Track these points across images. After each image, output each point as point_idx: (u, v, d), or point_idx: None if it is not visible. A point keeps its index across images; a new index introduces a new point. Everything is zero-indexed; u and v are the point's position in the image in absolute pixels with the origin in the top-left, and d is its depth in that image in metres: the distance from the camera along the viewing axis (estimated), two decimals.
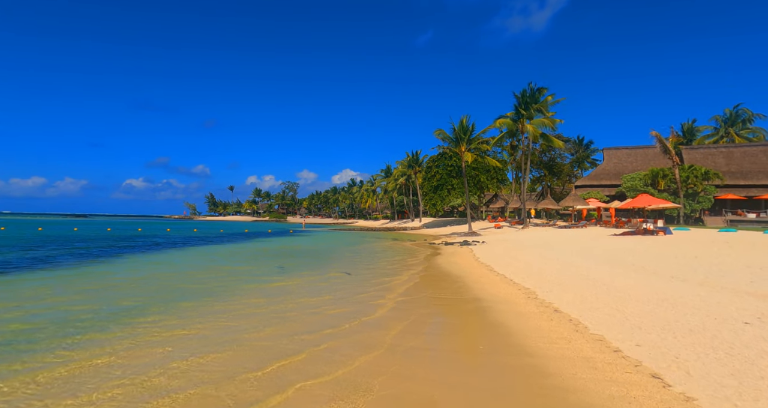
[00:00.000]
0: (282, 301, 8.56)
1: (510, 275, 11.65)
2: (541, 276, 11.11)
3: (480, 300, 8.57)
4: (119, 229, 45.25)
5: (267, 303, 8.42)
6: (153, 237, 32.17)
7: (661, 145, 37.46)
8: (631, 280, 9.70)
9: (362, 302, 8.61)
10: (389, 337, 5.97)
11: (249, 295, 9.39)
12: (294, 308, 7.96)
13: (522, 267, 13.32)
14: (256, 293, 9.56)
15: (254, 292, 9.76)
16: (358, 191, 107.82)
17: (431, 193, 55.51)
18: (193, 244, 26.04)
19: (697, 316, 6.20)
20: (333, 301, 8.78)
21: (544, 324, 6.34)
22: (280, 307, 8.02)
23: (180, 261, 16.58)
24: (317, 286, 10.62)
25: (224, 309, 7.81)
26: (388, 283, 11.16)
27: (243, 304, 8.35)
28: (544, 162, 60.50)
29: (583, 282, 9.84)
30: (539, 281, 10.34)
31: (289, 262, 16.46)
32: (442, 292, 9.73)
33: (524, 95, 38.79)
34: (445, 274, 12.63)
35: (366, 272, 13.61)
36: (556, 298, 8.23)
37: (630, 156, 52.65)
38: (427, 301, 8.68)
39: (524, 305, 7.76)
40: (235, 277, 12.23)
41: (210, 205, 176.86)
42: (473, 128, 39.59)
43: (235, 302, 8.47)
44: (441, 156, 55.64)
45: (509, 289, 9.57)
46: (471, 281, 11.15)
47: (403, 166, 73.77)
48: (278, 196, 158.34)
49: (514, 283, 10.34)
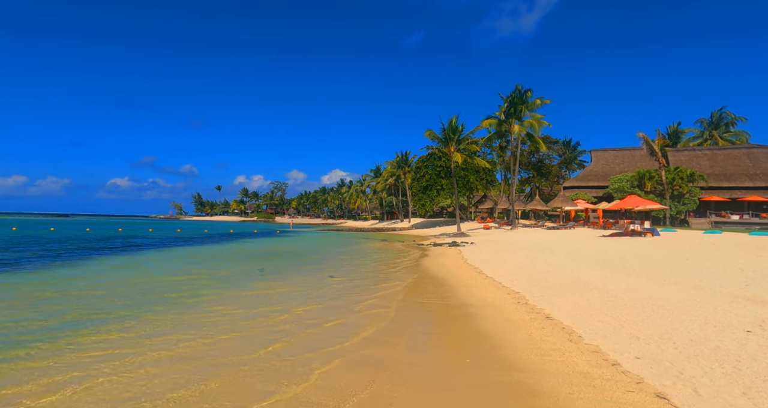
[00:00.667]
0: (256, 316, 7.52)
1: (499, 278, 11.26)
2: (530, 279, 10.75)
3: (468, 305, 8.14)
4: (99, 230, 43.88)
5: (244, 315, 7.57)
6: (133, 238, 31.11)
7: (647, 146, 37.68)
8: (623, 284, 9.38)
9: (343, 309, 8.11)
10: (374, 351, 5.49)
11: (223, 303, 8.58)
12: (267, 320, 7.34)
13: (511, 269, 12.96)
14: (230, 302, 8.68)
15: (229, 300, 8.88)
16: (348, 191, 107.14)
17: (420, 194, 55.17)
18: (174, 245, 25.16)
19: (696, 323, 5.85)
20: (312, 310, 8.26)
21: (535, 333, 5.92)
22: (254, 322, 7.30)
23: (155, 264, 15.73)
24: (297, 293, 9.93)
25: (191, 323, 6.91)
26: (373, 287, 10.68)
27: (213, 316, 7.40)
28: (533, 163, 60.73)
29: (574, 286, 9.49)
30: (529, 285, 9.96)
31: (271, 265, 15.78)
32: (429, 297, 9.28)
33: (512, 97, 38.71)
34: (433, 277, 12.20)
35: (351, 275, 13.11)
36: (547, 303, 7.84)
37: (617, 157, 53.04)
38: (413, 307, 8.22)
39: (514, 311, 7.35)
40: (212, 283, 11.40)
41: (197, 205, 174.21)
42: (462, 128, 39.39)
43: (206, 314, 7.54)
44: (430, 156, 55.36)
45: (498, 294, 9.16)
46: (459, 285, 10.72)
47: (392, 166, 73.39)
48: (266, 196, 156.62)
49: (503, 287, 9.94)
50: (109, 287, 10.45)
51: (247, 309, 8.03)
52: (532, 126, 37.51)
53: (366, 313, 7.73)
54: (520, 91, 39.15)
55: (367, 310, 8.00)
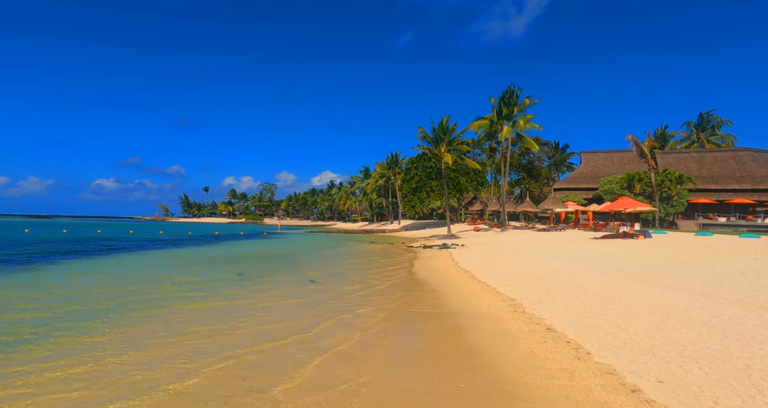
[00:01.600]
0: (224, 330, 6.41)
1: (492, 283, 10.61)
2: (526, 284, 10.12)
3: (460, 314, 7.45)
4: (77, 231, 42.25)
5: (207, 333, 6.35)
6: (109, 240, 29.82)
7: (637, 148, 37.63)
8: (624, 289, 8.80)
9: (319, 319, 7.35)
10: (351, 371, 4.76)
11: (188, 317, 7.39)
12: (225, 337, 6.12)
13: (505, 273, 12.33)
14: (196, 315, 7.51)
15: (195, 313, 7.69)
16: (337, 193, 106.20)
17: (410, 195, 54.57)
18: (152, 248, 24.02)
19: (715, 336, 5.24)
20: (283, 318, 7.49)
21: (537, 348, 5.25)
22: (221, 340, 6.01)
23: (124, 268, 14.59)
24: (275, 303, 8.87)
25: (108, 344, 5.65)
26: (358, 294, 9.94)
27: (172, 334, 6.22)
28: (523, 165, 60.55)
29: (572, 291, 8.88)
30: (525, 290, 9.33)
31: (251, 270, 14.81)
32: (419, 305, 8.57)
33: (503, 97, 38.37)
34: (423, 282, 11.50)
35: (334, 280, 12.34)
36: (546, 311, 7.19)
37: (606, 160, 53.16)
38: (400, 317, 7.50)
39: (511, 321, 6.68)
40: (181, 290, 10.28)
41: (184, 206, 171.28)
42: (454, 129, 38.86)
43: (164, 330, 6.41)
44: (420, 157, 54.82)
45: (492, 301, 8.50)
46: (450, 290, 10.04)
47: (382, 167, 72.72)
48: (255, 197, 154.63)
49: (497, 293, 9.29)
50: (49, 299, 8.92)
51: (205, 325, 6.76)
52: (522, 127, 37.19)
53: (345, 323, 7.00)
54: (512, 91, 38.82)
55: (348, 319, 7.26)
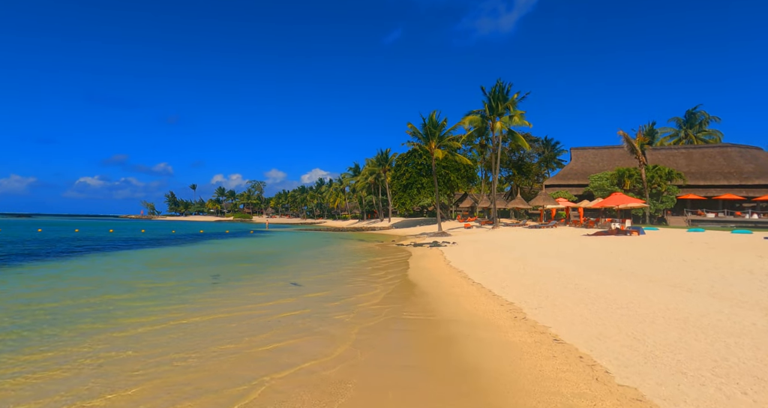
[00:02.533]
0: (150, 363, 4.89)
1: (488, 284, 9.94)
2: (523, 286, 9.47)
3: (455, 322, 6.75)
4: (53, 231, 40.61)
5: (146, 359, 4.97)
6: (85, 240, 28.46)
7: (628, 144, 37.44)
8: (629, 291, 8.19)
9: (293, 327, 6.59)
10: (316, 398, 4.01)
11: (116, 343, 5.65)
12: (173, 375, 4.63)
13: (499, 273, 11.68)
14: (127, 342, 5.75)
15: (127, 339, 5.90)
16: (327, 190, 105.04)
17: (400, 192, 53.86)
18: (129, 247, 22.85)
19: (746, 348, 4.61)
20: (250, 329, 6.71)
21: (545, 365, 4.56)
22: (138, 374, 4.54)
23: (84, 273, 13.16)
24: (245, 312, 7.75)
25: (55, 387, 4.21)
26: (343, 299, 9.17)
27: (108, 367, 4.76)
28: (513, 161, 60.26)
29: (574, 293, 8.25)
30: (523, 293, 8.67)
31: (230, 272, 13.77)
32: (408, 310, 7.85)
33: (494, 92, 37.83)
34: (413, 284, 10.78)
35: (317, 282, 11.54)
36: (549, 317, 6.53)
37: (596, 156, 53.11)
38: (388, 325, 6.77)
39: (512, 330, 5.99)
40: (138, 300, 8.78)
41: (171, 204, 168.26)
42: (444, 124, 38.20)
43: (97, 365, 4.83)
44: (411, 154, 54.13)
45: (489, 305, 7.82)
46: (443, 293, 9.34)
47: (372, 164, 71.90)
48: (244, 195, 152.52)
49: (493, 296, 8.61)
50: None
51: (141, 350, 5.35)
52: (513, 122, 36.72)
53: (321, 333, 6.24)
54: (501, 85, 38.27)
55: (324, 329, 6.50)
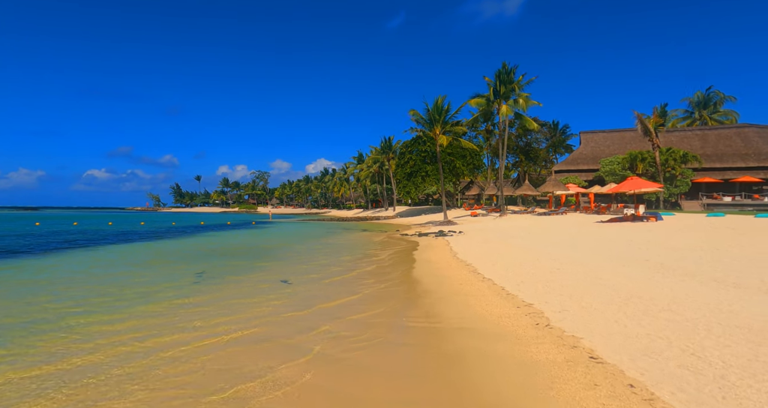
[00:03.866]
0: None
1: (500, 281, 8.85)
2: (540, 281, 8.36)
3: (464, 331, 5.68)
4: (51, 224, 39.96)
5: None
6: (80, 233, 27.73)
7: (642, 126, 35.76)
8: (665, 288, 7.06)
9: (269, 340, 5.56)
10: None
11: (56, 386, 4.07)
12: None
13: (511, 267, 10.58)
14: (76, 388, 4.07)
15: (82, 373, 4.40)
16: (331, 180, 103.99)
17: (405, 181, 52.65)
18: (120, 241, 21.92)
19: None
20: (212, 347, 5.69)
21: (587, 400, 3.47)
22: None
23: (56, 271, 11.81)
24: (213, 326, 6.08)
25: None
26: (336, 300, 8.15)
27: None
28: (521, 147, 58.57)
29: (601, 292, 7.14)
30: (541, 290, 7.57)
31: (219, 267, 12.68)
32: (409, 314, 6.79)
33: (499, 75, 36.22)
34: (416, 281, 9.71)
35: (311, 279, 10.46)
36: (579, 324, 5.43)
37: (607, 139, 51.37)
38: (384, 337, 5.71)
39: (535, 343, 4.91)
40: (97, 304, 7.55)
41: (176, 195, 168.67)
42: (448, 109, 36.71)
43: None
44: (415, 141, 52.70)
45: (504, 307, 6.74)
46: (450, 292, 8.27)
47: (375, 152, 70.53)
48: (248, 186, 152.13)
49: (508, 295, 7.53)
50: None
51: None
52: (520, 105, 35.17)
53: (299, 348, 5.20)
54: (506, 68, 36.61)
55: (303, 342, 5.46)
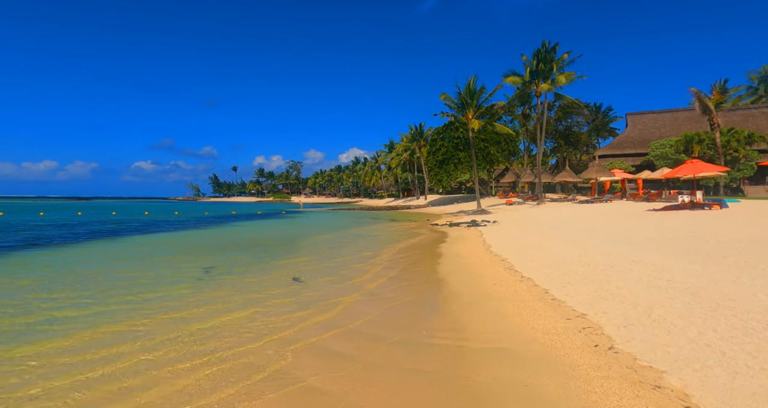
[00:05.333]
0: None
1: (542, 280, 7.50)
2: (591, 282, 6.94)
3: (500, 353, 4.47)
4: (91, 215, 41.42)
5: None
6: (113, 223, 28.35)
7: (700, 104, 32.24)
8: (762, 295, 5.50)
9: (252, 364, 4.59)
10: None
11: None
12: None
13: (554, 263, 9.14)
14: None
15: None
16: (362, 169, 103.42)
17: (436, 168, 50.97)
18: (145, 231, 21.87)
19: None
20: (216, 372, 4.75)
21: None
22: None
23: (65, 264, 11.41)
24: (200, 344, 5.09)
25: None
26: (347, 301, 7.11)
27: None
28: (560, 131, 55.10)
29: (670, 296, 5.67)
30: (594, 295, 6.18)
31: (228, 262, 11.69)
32: (431, 325, 5.63)
33: (538, 53, 33.68)
34: (443, 281, 8.50)
35: (326, 279, 9.36)
36: (655, 347, 4.08)
37: (657, 121, 47.28)
38: (396, 359, 4.60)
39: (598, 378, 3.64)
40: (81, 307, 6.75)
41: (214, 186, 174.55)
42: (482, 91, 34.57)
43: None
44: (446, 127, 50.72)
45: (550, 318, 5.44)
46: (482, 295, 7.03)
47: (406, 140, 68.94)
48: (282, 175, 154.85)
49: (553, 301, 6.20)
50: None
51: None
52: (562, 83, 32.56)
53: (287, 377, 4.18)
54: (546, 46, 34.03)
55: (299, 367, 4.44)
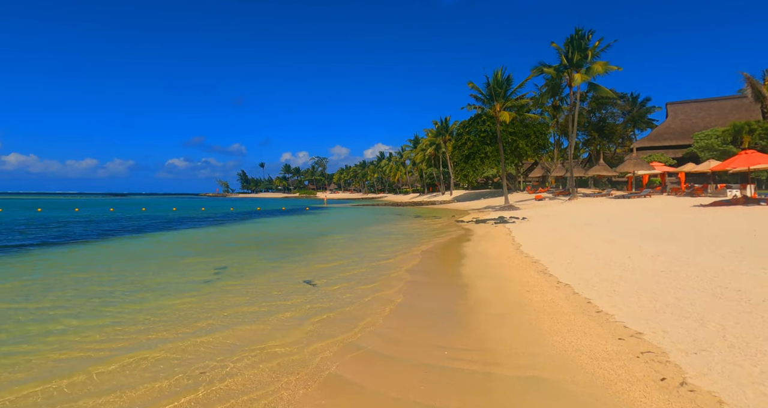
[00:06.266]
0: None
1: (582, 287, 6.56)
2: (642, 290, 5.94)
3: (538, 384, 3.64)
4: (124, 210, 42.57)
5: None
6: (139, 219, 28.93)
7: (753, 90, 29.60)
8: None
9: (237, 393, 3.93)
10: None
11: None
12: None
13: (594, 266, 8.12)
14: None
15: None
16: (387, 164, 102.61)
17: (462, 163, 49.56)
18: (165, 228, 21.92)
19: None
20: None
21: None
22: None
23: (69, 265, 10.96)
24: (186, 365, 5.28)
25: None
26: (360, 312, 6.41)
27: None
28: (593, 123, 52.43)
29: (744, 310, 4.65)
30: (648, 306, 5.21)
31: (241, 262, 11.18)
32: (453, 343, 4.84)
33: (570, 41, 31.84)
34: (468, 286, 7.66)
35: (341, 282, 8.60)
36: (743, 384, 3.17)
37: (701, 110, 44.16)
38: (407, 390, 3.86)
39: None
40: (97, 308, 6.45)
41: (242, 182, 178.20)
42: (510, 82, 33.03)
43: None
44: (473, 121, 49.17)
45: (597, 337, 4.55)
46: (514, 305, 6.17)
47: (431, 134, 67.58)
48: (308, 171, 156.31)
49: (598, 314, 5.28)
50: None
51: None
52: (595, 72, 30.64)
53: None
54: (579, 33, 32.14)
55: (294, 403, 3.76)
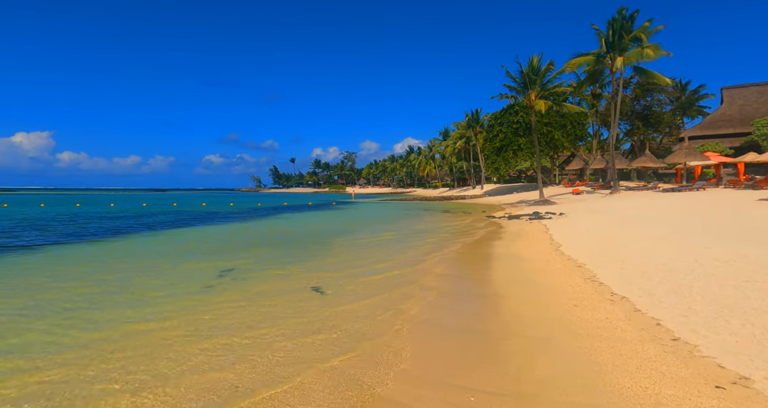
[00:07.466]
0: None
1: (646, 304, 5.26)
2: (727, 308, 4.61)
3: None
4: (156, 205, 43.42)
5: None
6: (164, 214, 29.16)
7: None
8: None
9: None
10: None
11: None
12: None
13: (653, 272, 6.74)
14: None
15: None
16: (416, 158, 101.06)
17: (494, 156, 47.56)
18: (192, 224, 21.68)
19: None
20: None
21: None
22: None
23: (71, 266, 10.18)
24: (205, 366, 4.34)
25: None
26: (373, 329, 5.40)
27: None
28: (637, 111, 48.77)
29: None
30: (742, 331, 3.92)
31: (251, 263, 10.25)
32: (484, 383, 3.73)
33: (614, 23, 29.28)
34: (498, 295, 6.49)
35: (352, 289, 7.42)
36: None
37: (762, 95, 40.13)
38: None
39: None
40: (89, 317, 5.74)
41: (274, 177, 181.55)
42: (547, 69, 30.84)
43: None
44: (505, 111, 46.99)
45: (686, 385, 3.35)
46: (557, 326, 4.97)
47: (461, 127, 65.55)
48: (337, 166, 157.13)
49: (676, 344, 4.04)
50: None
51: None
52: (644, 56, 27.95)
53: None
54: (623, 14, 29.50)
55: None
